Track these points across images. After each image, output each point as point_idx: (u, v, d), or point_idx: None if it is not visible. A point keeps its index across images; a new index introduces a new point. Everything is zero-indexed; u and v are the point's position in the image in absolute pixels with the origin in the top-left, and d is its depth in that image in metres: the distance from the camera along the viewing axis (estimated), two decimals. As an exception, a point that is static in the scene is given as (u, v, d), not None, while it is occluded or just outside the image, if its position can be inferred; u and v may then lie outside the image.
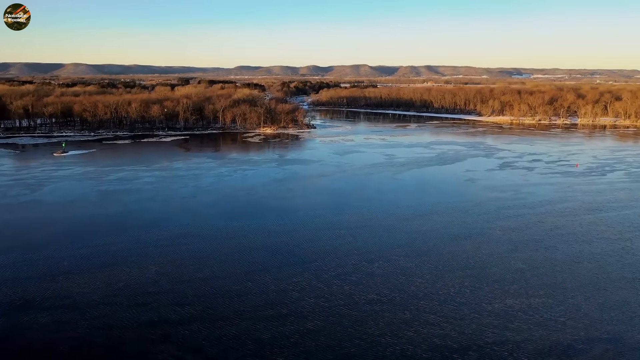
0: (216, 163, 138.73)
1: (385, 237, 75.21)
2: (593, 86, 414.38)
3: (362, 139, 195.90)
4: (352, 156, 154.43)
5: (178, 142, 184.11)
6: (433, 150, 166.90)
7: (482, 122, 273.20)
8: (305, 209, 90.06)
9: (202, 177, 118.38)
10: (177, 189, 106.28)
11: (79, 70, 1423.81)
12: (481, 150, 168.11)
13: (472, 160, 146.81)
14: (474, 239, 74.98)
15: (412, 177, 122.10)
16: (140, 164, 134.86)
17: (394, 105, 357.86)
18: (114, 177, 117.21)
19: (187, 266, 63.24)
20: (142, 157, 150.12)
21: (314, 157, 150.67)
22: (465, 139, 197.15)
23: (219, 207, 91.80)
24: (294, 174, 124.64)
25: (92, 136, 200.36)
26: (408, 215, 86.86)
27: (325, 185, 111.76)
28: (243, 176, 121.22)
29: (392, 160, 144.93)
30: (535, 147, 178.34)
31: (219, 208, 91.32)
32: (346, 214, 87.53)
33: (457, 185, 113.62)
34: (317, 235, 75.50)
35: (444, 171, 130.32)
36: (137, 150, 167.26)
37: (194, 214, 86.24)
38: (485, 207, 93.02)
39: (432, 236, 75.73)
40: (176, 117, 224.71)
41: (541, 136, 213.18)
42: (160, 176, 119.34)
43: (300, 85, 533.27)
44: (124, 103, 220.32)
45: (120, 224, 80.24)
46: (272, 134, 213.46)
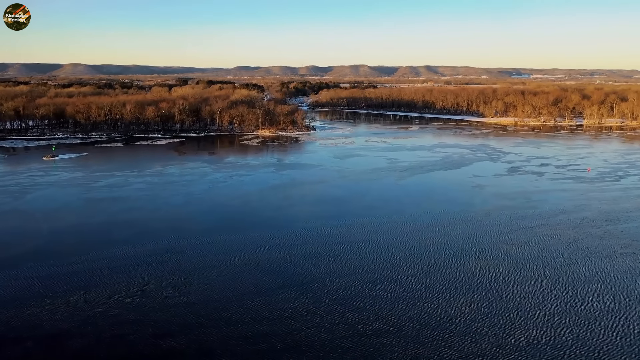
0: (211, 168, 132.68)
1: (390, 252, 69.20)
2: (597, 87, 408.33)
3: (363, 142, 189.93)
4: (353, 160, 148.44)
5: (173, 145, 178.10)
6: (437, 153, 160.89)
7: (486, 124, 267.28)
8: (303, 220, 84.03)
9: (195, 184, 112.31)
10: (167, 197, 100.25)
11: (77, 70, 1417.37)
12: (487, 153, 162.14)
13: (478, 165, 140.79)
14: (486, 254, 68.99)
15: (416, 184, 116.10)
16: (132, 169, 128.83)
17: (395, 106, 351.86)
18: (103, 184, 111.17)
19: (173, 288, 57.21)
20: (135, 161, 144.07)
21: (313, 161, 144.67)
22: (469, 142, 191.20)
23: (211, 218, 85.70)
24: (292, 180, 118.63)
25: (85, 139, 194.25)
26: (414, 227, 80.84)
27: (325, 193, 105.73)
28: (238, 183, 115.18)
29: (395, 165, 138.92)
30: (542, 150, 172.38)
31: (211, 219, 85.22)
32: (347, 225, 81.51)
33: (465, 192, 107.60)
34: (316, 251, 69.49)
35: (449, 177, 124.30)
36: (130, 154, 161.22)
37: (183, 226, 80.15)
38: (495, 218, 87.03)
39: (441, 252, 69.71)
40: (172, 119, 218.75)
41: (547, 138, 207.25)
42: (151, 183, 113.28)
43: (300, 86, 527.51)
44: (118, 104, 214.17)
45: (104, 238, 74.23)
46: (271, 136, 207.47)
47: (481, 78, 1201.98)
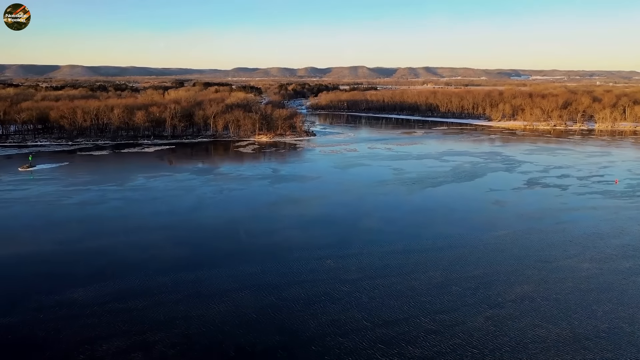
0: (200, 180, 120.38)
1: (405, 298, 56.93)
2: (606, 89, 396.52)
3: (366, 149, 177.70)
4: (356, 171, 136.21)
5: (162, 153, 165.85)
6: (446, 162, 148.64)
7: (493, 128, 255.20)
8: (300, 249, 71.77)
9: (180, 200, 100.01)
10: (145, 217, 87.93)
11: (74, 72, 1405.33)
12: (500, 162, 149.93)
13: (492, 176, 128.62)
14: (526, 302, 56.70)
15: (428, 200, 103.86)
16: (112, 182, 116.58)
17: (397, 109, 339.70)
18: (76, 200, 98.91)
19: (136, 350, 44.94)
20: (117, 172, 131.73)
21: (312, 172, 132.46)
22: (479, 148, 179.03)
23: (192, 247, 73.29)
24: (288, 196, 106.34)
25: (70, 146, 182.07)
26: (431, 259, 68.60)
27: (325, 212, 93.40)
28: (228, 199, 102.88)
29: (402, 176, 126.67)
30: (558, 158, 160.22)
31: (192, 248, 72.80)
32: (352, 256, 69.26)
33: (484, 211, 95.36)
34: (314, 295, 57.22)
35: (464, 191, 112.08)
36: (114, 163, 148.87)
37: (157, 258, 67.79)
38: (523, 245, 74.85)
39: (466, 299, 57.45)
40: (163, 124, 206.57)
41: (560, 144, 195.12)
42: (130, 199, 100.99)
43: (299, 88, 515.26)
44: (106, 109, 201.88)
45: (57, 274, 61.89)
46: (268, 142, 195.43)
47: (480, 79, 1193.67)
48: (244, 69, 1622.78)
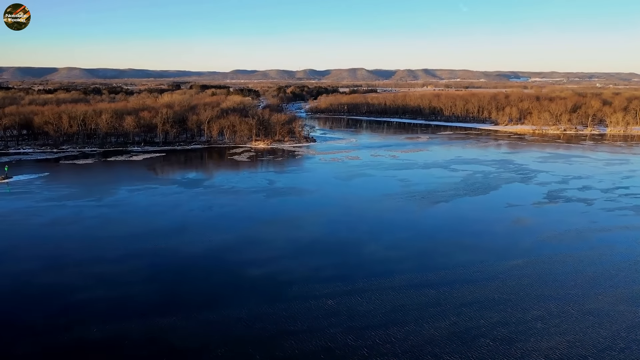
0: (187, 194, 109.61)
1: (425, 358, 46.14)
2: (615, 91, 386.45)
3: (369, 156, 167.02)
4: (360, 182, 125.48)
5: (151, 162, 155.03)
6: (455, 172, 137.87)
7: (500, 133, 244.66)
8: (296, 284, 61.00)
9: (162, 220, 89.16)
10: (120, 241, 76.97)
11: (72, 74, 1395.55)
12: (513, 171, 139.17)
13: (508, 188, 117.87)
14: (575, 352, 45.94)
15: (441, 218, 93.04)
16: (91, 196, 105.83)
17: (399, 112, 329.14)
18: (45, 220, 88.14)
19: None
20: (99, 183, 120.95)
21: (312, 184, 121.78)
22: (488, 156, 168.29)
23: (167, 285, 62.28)
24: (284, 213, 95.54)
25: (54, 153, 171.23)
26: (450, 299, 57.79)
27: (326, 234, 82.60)
28: (217, 218, 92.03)
29: (410, 189, 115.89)
30: (575, 166, 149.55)
31: (167, 286, 61.78)
32: (358, 293, 58.53)
33: (505, 232, 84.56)
34: (311, 352, 46.42)
35: (479, 206, 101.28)
36: (97, 173, 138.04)
37: (122, 302, 56.91)
38: (556, 279, 64.12)
39: (500, 357, 46.66)
40: (155, 130, 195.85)
41: (573, 150, 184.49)
42: (107, 218, 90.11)
43: (297, 91, 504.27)
44: (94, 114, 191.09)
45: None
46: (265, 149, 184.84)
47: (480, 81, 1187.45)
48: (243, 71, 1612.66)
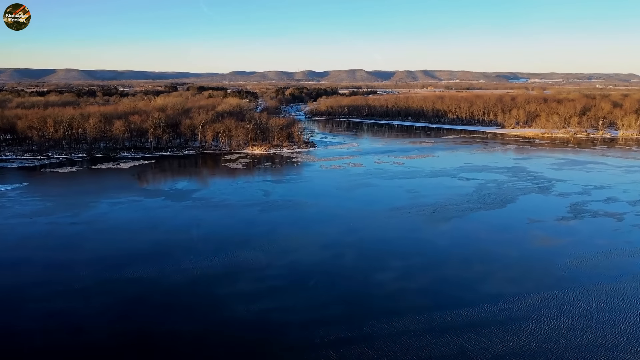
0: (173, 208, 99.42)
1: None
2: (624, 93, 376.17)
3: (372, 163, 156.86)
4: (363, 193, 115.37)
5: (139, 169, 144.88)
6: (466, 181, 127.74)
7: (508, 136, 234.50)
8: (292, 329, 50.97)
9: (141, 240, 78.98)
10: (88, 268, 66.85)
11: (70, 76, 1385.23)
12: (528, 180, 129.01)
13: (526, 201, 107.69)
14: None
15: (455, 238, 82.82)
16: (67, 210, 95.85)
17: (401, 114, 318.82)
18: (11, 240, 78.29)
19: None
20: (78, 195, 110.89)
21: (311, 196, 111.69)
22: (499, 162, 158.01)
23: (136, 335, 52.24)
24: (280, 233, 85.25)
25: (38, 160, 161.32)
26: (478, 351, 47.61)
27: (326, 261, 72.39)
28: (204, 238, 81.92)
29: (418, 201, 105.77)
30: (593, 174, 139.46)
31: (135, 336, 51.76)
32: (365, 340, 48.62)
33: (531, 256, 74.35)
34: None
35: (497, 223, 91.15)
36: (79, 183, 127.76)
37: (75, 350, 46.80)
38: (601, 317, 53.96)
39: None
40: (146, 135, 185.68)
41: (587, 155, 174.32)
42: (79, 238, 79.98)
43: (296, 92, 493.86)
44: (81, 118, 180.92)
45: None
46: (263, 155, 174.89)
47: (480, 82, 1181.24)
48: (241, 73, 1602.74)
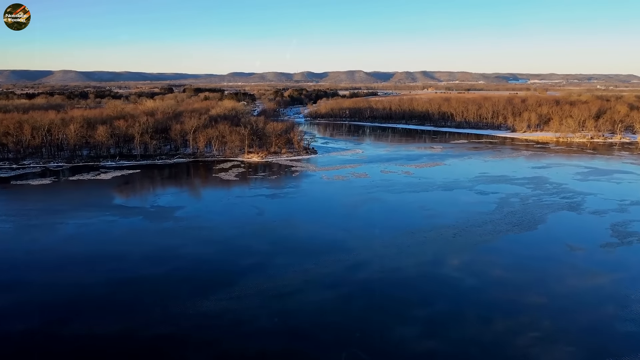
0: (149, 232, 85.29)
1: None
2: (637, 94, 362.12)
3: (379, 172, 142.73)
4: (370, 210, 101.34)
5: (121, 181, 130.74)
6: (485, 195, 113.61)
7: (519, 141, 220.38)
8: None
9: (101, 280, 64.73)
10: (26, 318, 52.69)
11: (68, 77, 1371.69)
12: (553, 194, 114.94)
13: (558, 221, 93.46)
14: None
15: (488, 276, 68.69)
16: (24, 235, 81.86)
17: (405, 117, 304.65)
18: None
19: None
20: (45, 213, 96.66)
21: (311, 214, 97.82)
22: (517, 171, 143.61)
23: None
24: (272, 270, 70.99)
25: (12, 170, 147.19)
26: None
27: (331, 308, 58.21)
28: (178, 278, 67.56)
29: (434, 222, 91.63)
30: (624, 185, 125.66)
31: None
32: None
33: (588, 302, 60.20)
34: None
35: (534, 253, 76.86)
36: (48, 199, 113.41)
37: None
38: None
39: None
40: (133, 141, 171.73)
41: (611, 162, 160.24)
42: (26, 273, 65.79)
43: (295, 94, 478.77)
44: (61, 123, 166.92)
45: None
46: (259, 163, 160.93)
47: (480, 83, 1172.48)
48: (240, 74, 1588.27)
